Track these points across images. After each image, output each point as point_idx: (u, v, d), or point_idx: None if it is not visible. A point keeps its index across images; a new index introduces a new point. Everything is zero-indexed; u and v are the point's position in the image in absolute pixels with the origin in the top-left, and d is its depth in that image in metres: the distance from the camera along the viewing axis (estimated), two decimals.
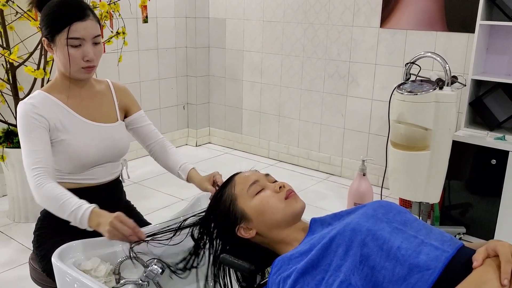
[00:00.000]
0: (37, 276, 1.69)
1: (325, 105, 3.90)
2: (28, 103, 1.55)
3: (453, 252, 1.03)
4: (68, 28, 1.50)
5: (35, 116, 1.53)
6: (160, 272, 1.43)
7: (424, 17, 3.25)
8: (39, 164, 1.49)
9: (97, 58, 1.59)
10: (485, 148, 2.71)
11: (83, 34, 1.53)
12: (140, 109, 1.81)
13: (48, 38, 1.56)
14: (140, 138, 1.81)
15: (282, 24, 4.00)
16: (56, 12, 1.53)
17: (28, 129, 1.52)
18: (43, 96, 1.58)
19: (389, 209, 1.17)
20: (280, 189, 1.29)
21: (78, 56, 1.54)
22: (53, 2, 1.55)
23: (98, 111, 1.67)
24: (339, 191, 3.62)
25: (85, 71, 1.58)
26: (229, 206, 1.31)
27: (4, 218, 3.07)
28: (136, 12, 3.71)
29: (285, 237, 1.26)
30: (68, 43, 1.52)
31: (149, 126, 1.81)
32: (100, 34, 1.59)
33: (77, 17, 1.52)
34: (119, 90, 1.77)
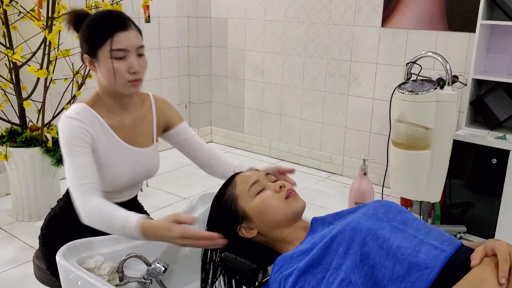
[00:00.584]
0: (41, 274, 1.71)
1: (327, 104, 3.91)
2: (75, 118, 1.47)
3: (452, 252, 1.04)
4: (111, 39, 1.43)
5: (82, 131, 1.46)
6: (163, 270, 1.44)
7: (425, 17, 3.26)
8: (86, 180, 1.41)
9: (143, 71, 1.51)
10: (485, 147, 2.72)
11: (127, 45, 1.45)
12: (182, 121, 1.71)
13: (89, 54, 1.48)
14: (185, 151, 1.71)
15: (283, 24, 4.01)
16: (96, 25, 1.46)
17: (74, 144, 1.44)
18: (89, 111, 1.51)
19: (389, 209, 1.19)
20: (281, 189, 1.30)
21: (123, 68, 1.46)
22: (92, 16, 1.50)
23: (137, 135, 1.61)
24: (340, 190, 3.63)
25: (132, 84, 1.49)
26: (230, 206, 1.32)
27: (7, 216, 3.09)
28: (138, 12, 3.72)
29: (286, 236, 1.27)
30: (112, 56, 1.44)
31: (193, 138, 1.70)
32: (143, 45, 1.51)
33: (119, 27, 1.45)
34: (160, 107, 1.68)
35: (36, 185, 2.96)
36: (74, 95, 3.00)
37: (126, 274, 1.44)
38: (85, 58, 1.50)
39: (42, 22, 2.74)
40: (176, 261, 1.61)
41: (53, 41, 2.72)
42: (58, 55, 2.83)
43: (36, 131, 2.94)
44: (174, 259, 1.60)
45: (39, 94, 2.96)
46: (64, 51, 2.84)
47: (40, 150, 2.88)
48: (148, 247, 1.54)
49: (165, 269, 1.45)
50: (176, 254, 1.62)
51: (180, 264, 1.64)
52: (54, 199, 2.99)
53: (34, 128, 2.97)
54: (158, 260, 1.46)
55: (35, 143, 2.89)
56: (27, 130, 2.96)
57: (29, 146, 2.87)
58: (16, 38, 3.04)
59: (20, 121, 3.00)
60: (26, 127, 3.00)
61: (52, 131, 2.95)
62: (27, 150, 2.86)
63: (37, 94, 2.99)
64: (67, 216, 1.63)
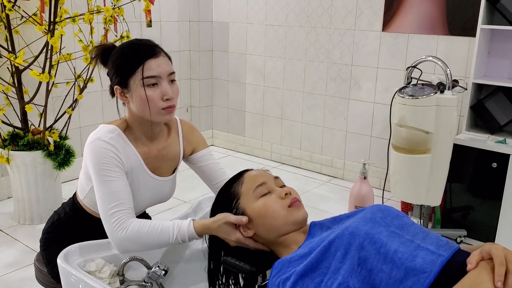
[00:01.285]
0: (42, 277, 1.71)
1: (328, 108, 3.92)
2: (108, 143, 1.44)
3: (448, 256, 1.05)
4: (142, 67, 1.41)
5: (114, 157, 1.43)
6: (163, 273, 1.45)
7: (425, 21, 3.27)
8: (120, 207, 1.39)
9: (176, 97, 1.48)
10: (486, 151, 2.73)
11: (159, 72, 1.43)
12: (207, 147, 1.70)
13: (120, 85, 1.45)
14: (204, 177, 1.69)
15: (284, 28, 4.03)
16: (126, 54, 1.45)
17: (107, 169, 1.41)
18: (122, 137, 1.48)
19: (387, 213, 1.19)
20: (286, 196, 1.29)
21: (156, 96, 1.43)
22: (121, 46, 1.48)
23: (161, 165, 1.59)
24: (341, 194, 3.64)
25: (166, 112, 1.46)
26: (232, 202, 1.33)
27: (9, 220, 3.10)
28: (140, 16, 3.74)
29: (283, 240, 1.28)
30: (144, 84, 1.42)
31: (214, 165, 1.68)
32: (174, 72, 1.49)
33: (150, 54, 1.43)
34: (186, 134, 1.67)
35: (38, 188, 2.97)
36: (76, 99, 3.01)
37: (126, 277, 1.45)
38: (116, 89, 1.47)
39: (44, 27, 2.75)
40: (176, 264, 1.62)
41: (55, 45, 2.73)
42: (60, 59, 2.84)
43: (38, 135, 2.95)
44: (174, 263, 1.61)
45: (41, 98, 2.97)
46: (66, 55, 2.86)
47: (42, 153, 2.89)
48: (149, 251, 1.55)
49: (165, 272, 1.46)
50: (176, 258, 1.63)
51: (180, 267, 1.64)
52: (55, 202, 3.01)
53: (36, 132, 2.98)
54: (158, 264, 1.46)
55: (37, 146, 2.90)
56: (29, 134, 2.97)
57: (31, 150, 2.88)
58: (18, 42, 3.06)
59: (22, 125, 3.02)
60: (28, 130, 3.01)
61: (54, 135, 2.96)
62: (29, 153, 2.88)
63: (39, 98, 3.01)
64: (71, 224, 1.64)
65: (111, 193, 1.40)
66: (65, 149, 2.96)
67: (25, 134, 2.98)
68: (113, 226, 1.37)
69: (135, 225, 1.37)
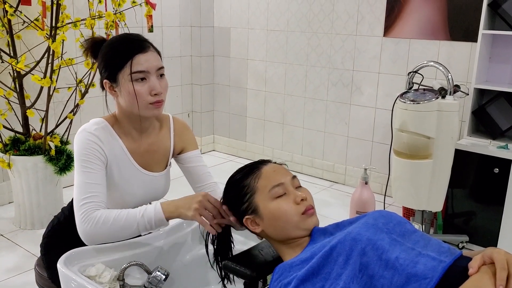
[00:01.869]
0: (43, 282, 1.71)
1: (329, 113, 3.92)
2: (93, 134, 1.46)
3: (450, 262, 1.04)
4: (131, 61, 1.42)
5: (97, 149, 1.45)
6: (163, 278, 1.44)
7: (427, 26, 3.27)
8: (92, 199, 1.41)
9: (164, 92, 1.49)
10: (488, 156, 2.72)
11: (147, 67, 1.44)
12: (196, 149, 1.69)
13: (109, 79, 1.46)
14: (190, 178, 1.69)
15: (286, 33, 4.03)
16: (115, 49, 1.45)
17: (87, 160, 1.43)
18: (108, 130, 1.50)
19: (389, 219, 1.19)
20: (301, 202, 1.28)
21: (144, 91, 1.44)
22: (110, 41, 1.49)
23: (152, 160, 1.60)
24: (342, 199, 3.63)
25: (154, 106, 1.47)
26: (246, 195, 1.31)
27: (10, 225, 3.09)
28: (141, 21, 3.75)
29: (290, 242, 1.27)
30: (132, 78, 1.43)
31: (201, 168, 1.67)
32: (163, 66, 1.50)
33: (138, 49, 1.44)
34: (178, 131, 1.67)
35: (39, 193, 2.97)
36: (77, 104, 3.02)
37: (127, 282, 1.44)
38: (105, 83, 1.48)
39: (46, 32, 2.76)
40: (176, 270, 1.61)
41: (57, 50, 2.74)
42: (62, 64, 2.85)
43: (39, 140, 2.96)
44: (175, 267, 1.60)
45: (43, 103, 2.98)
46: (67, 60, 2.86)
47: (43, 158, 2.90)
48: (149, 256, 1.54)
49: (166, 277, 1.45)
50: (176, 263, 1.62)
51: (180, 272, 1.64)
52: (56, 207, 3.01)
53: (37, 137, 2.99)
54: (158, 268, 1.46)
55: (38, 151, 2.90)
56: (30, 139, 2.98)
57: (32, 155, 2.88)
58: (20, 47, 3.07)
59: (24, 130, 3.02)
60: (29, 135, 3.02)
61: (55, 140, 2.96)
62: (30, 158, 2.88)
63: (41, 103, 3.01)
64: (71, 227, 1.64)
65: (85, 184, 1.42)
66: (66, 154, 2.96)
67: (26, 139, 2.99)
68: (81, 218, 1.39)
69: (101, 215, 1.38)
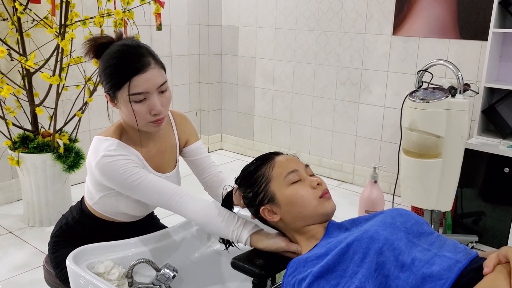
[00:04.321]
0: (51, 279, 1.71)
1: (337, 112, 3.90)
2: (115, 155, 1.42)
3: (466, 263, 1.03)
4: (129, 83, 1.36)
5: (129, 160, 1.44)
6: (172, 276, 1.44)
7: (436, 25, 3.25)
8: (172, 192, 1.43)
9: (166, 108, 1.44)
10: (498, 156, 2.70)
11: (146, 88, 1.37)
12: (198, 140, 1.69)
13: (109, 94, 1.43)
14: (196, 170, 1.69)
15: (294, 31, 4.02)
16: (113, 66, 1.38)
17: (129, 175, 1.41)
18: (121, 145, 1.47)
19: (407, 218, 1.18)
20: (317, 186, 1.28)
21: (143, 111, 1.39)
22: (110, 54, 1.41)
23: (163, 161, 1.59)
24: (351, 199, 3.61)
25: (154, 124, 1.44)
26: (261, 185, 1.30)
27: (19, 222, 3.11)
28: (150, 20, 3.75)
29: (307, 231, 1.27)
30: (130, 100, 1.38)
31: (206, 159, 1.67)
32: (166, 80, 1.42)
33: (137, 70, 1.36)
34: (179, 124, 1.66)
35: (48, 191, 2.98)
36: (86, 102, 3.02)
37: (135, 279, 1.45)
38: (105, 96, 1.46)
39: (55, 30, 2.77)
40: (185, 267, 1.61)
41: (66, 48, 2.75)
42: (71, 62, 2.85)
43: (48, 137, 2.97)
44: (184, 265, 1.60)
45: (51, 101, 2.99)
46: (76, 58, 2.87)
47: (51, 156, 2.90)
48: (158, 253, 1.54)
49: (174, 275, 1.45)
50: (185, 260, 1.62)
51: (189, 269, 1.63)
52: (65, 205, 3.02)
53: (46, 134, 3.00)
54: (167, 266, 1.46)
55: (47, 149, 2.91)
56: (39, 136, 2.98)
57: (41, 152, 2.89)
58: (29, 45, 3.08)
59: (33, 127, 3.03)
60: (38, 133, 3.03)
61: (63, 137, 2.97)
62: (39, 156, 2.89)
63: (49, 101, 3.02)
64: (79, 228, 1.64)
65: (155, 188, 1.42)
66: (75, 152, 2.97)
67: (35, 136, 3.00)
68: (180, 208, 1.43)
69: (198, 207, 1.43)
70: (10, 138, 2.93)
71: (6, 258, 2.68)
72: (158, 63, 1.41)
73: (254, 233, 1.37)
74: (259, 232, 1.38)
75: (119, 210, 1.56)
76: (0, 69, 2.87)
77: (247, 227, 1.38)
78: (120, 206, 1.54)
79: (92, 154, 1.46)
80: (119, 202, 1.52)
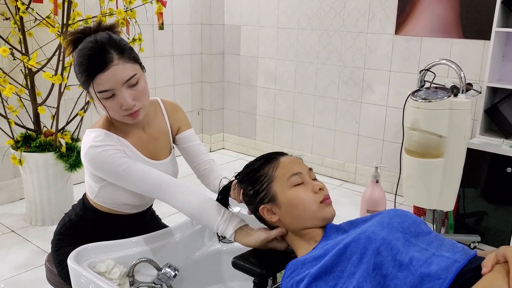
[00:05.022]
0: (53, 278, 1.71)
1: (339, 111, 3.90)
2: (101, 145, 1.43)
3: (464, 262, 1.03)
4: (93, 82, 1.35)
5: (116, 152, 1.44)
6: (173, 275, 1.44)
7: (439, 24, 3.24)
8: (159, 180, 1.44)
9: (140, 99, 1.42)
10: (500, 156, 2.69)
11: (111, 85, 1.36)
12: (190, 127, 1.69)
13: (85, 90, 1.44)
14: (187, 157, 1.68)
15: (296, 31, 4.02)
16: (78, 65, 1.38)
17: (118, 164, 1.42)
18: (109, 135, 1.47)
19: (404, 219, 1.18)
20: (319, 191, 1.29)
21: (114, 106, 1.39)
22: (77, 52, 1.40)
23: (156, 148, 1.59)
24: (353, 198, 3.61)
25: (130, 118, 1.43)
26: (263, 184, 1.31)
27: (21, 221, 3.11)
28: (152, 19, 3.75)
29: (305, 234, 1.27)
30: (99, 97, 1.38)
31: (198, 146, 1.67)
32: (134, 74, 1.39)
33: (98, 68, 1.34)
34: (170, 112, 1.65)
35: (50, 190, 2.99)
36: (88, 101, 3.02)
37: (136, 278, 1.45)
38: (83, 90, 1.46)
39: (57, 29, 2.77)
40: (186, 266, 1.61)
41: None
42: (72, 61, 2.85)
43: (50, 137, 2.97)
44: (184, 265, 1.60)
45: (54, 100, 2.99)
46: None
47: (54, 155, 2.91)
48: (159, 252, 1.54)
49: (175, 274, 1.45)
50: (186, 260, 1.62)
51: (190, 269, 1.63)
52: (67, 204, 3.02)
53: (48, 134, 3.00)
54: (168, 265, 1.46)
55: (49, 148, 2.92)
56: (41, 136, 2.99)
57: (43, 151, 2.90)
58: (31, 44, 3.08)
59: (35, 127, 3.04)
60: (41, 132, 3.03)
61: (66, 137, 2.97)
62: (41, 155, 2.89)
63: (52, 100, 3.03)
64: (82, 226, 1.64)
65: (141, 180, 1.43)
66: (77, 151, 2.97)
67: (38, 135, 3.00)
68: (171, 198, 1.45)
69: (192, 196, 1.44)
70: (12, 137, 2.94)
71: (9, 257, 2.69)
72: (124, 57, 1.38)
73: (239, 229, 1.37)
74: (244, 227, 1.38)
75: (119, 201, 1.56)
76: (3, 68, 2.87)
77: (232, 222, 1.39)
78: (119, 195, 1.54)
79: (82, 146, 1.48)
80: (118, 191, 1.53)
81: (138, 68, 1.43)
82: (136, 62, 1.43)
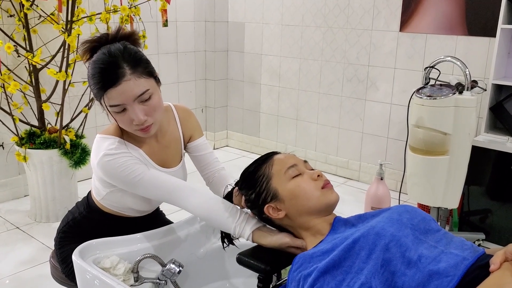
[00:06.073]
0: (58, 274, 1.72)
1: (344, 109, 3.89)
2: (115, 154, 1.42)
3: (473, 260, 1.03)
4: (105, 96, 1.34)
5: (130, 157, 1.43)
6: (177, 271, 1.45)
7: (444, 21, 3.23)
8: (173, 186, 1.43)
9: (152, 115, 1.39)
10: (505, 153, 2.68)
11: (121, 100, 1.34)
12: (202, 135, 1.68)
13: (97, 100, 1.42)
14: (199, 165, 1.68)
15: (300, 28, 4.01)
16: (91, 77, 1.37)
17: (133, 170, 1.41)
18: (122, 143, 1.46)
19: (414, 215, 1.17)
20: (318, 178, 1.29)
21: (126, 121, 1.38)
22: (91, 63, 1.39)
23: (167, 156, 1.58)
24: (357, 196, 3.61)
25: (141, 132, 1.42)
26: (262, 184, 1.31)
27: (25, 217, 3.12)
28: (156, 16, 3.75)
29: (312, 226, 1.27)
30: (110, 111, 1.37)
31: (210, 155, 1.67)
32: (147, 89, 1.36)
33: (110, 83, 1.32)
34: (183, 119, 1.64)
35: (54, 186, 2.99)
36: (92, 98, 3.03)
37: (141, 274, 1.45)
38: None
39: (62, 26, 2.77)
40: (190, 262, 1.61)
41: (72, 44, 2.75)
42: (77, 58, 2.86)
43: (55, 133, 2.98)
44: (189, 260, 1.60)
45: (58, 97, 3.00)
46: None
47: (58, 152, 2.91)
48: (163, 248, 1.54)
49: (180, 270, 1.45)
50: (191, 256, 1.62)
51: (194, 265, 1.63)
52: (71, 200, 3.03)
53: (53, 130, 3.01)
54: (173, 261, 1.46)
55: (54, 145, 2.92)
56: (45, 132, 3.00)
57: (48, 148, 2.90)
58: (36, 41, 3.09)
59: (39, 123, 3.04)
60: (45, 129, 3.04)
61: (70, 133, 2.98)
62: (46, 152, 2.90)
63: (56, 97, 3.03)
64: (86, 224, 1.65)
65: (155, 186, 1.42)
66: (81, 148, 2.98)
67: (42, 132, 3.01)
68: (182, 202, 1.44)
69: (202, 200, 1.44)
70: (17, 134, 2.94)
71: (13, 253, 2.70)
72: (137, 72, 1.35)
73: (257, 229, 1.36)
74: (262, 228, 1.37)
75: (126, 205, 1.56)
76: (7, 65, 2.88)
77: (249, 222, 1.38)
78: (127, 201, 1.54)
79: (94, 153, 1.46)
80: (126, 197, 1.53)
81: (152, 82, 1.40)
82: (151, 76, 1.40)
